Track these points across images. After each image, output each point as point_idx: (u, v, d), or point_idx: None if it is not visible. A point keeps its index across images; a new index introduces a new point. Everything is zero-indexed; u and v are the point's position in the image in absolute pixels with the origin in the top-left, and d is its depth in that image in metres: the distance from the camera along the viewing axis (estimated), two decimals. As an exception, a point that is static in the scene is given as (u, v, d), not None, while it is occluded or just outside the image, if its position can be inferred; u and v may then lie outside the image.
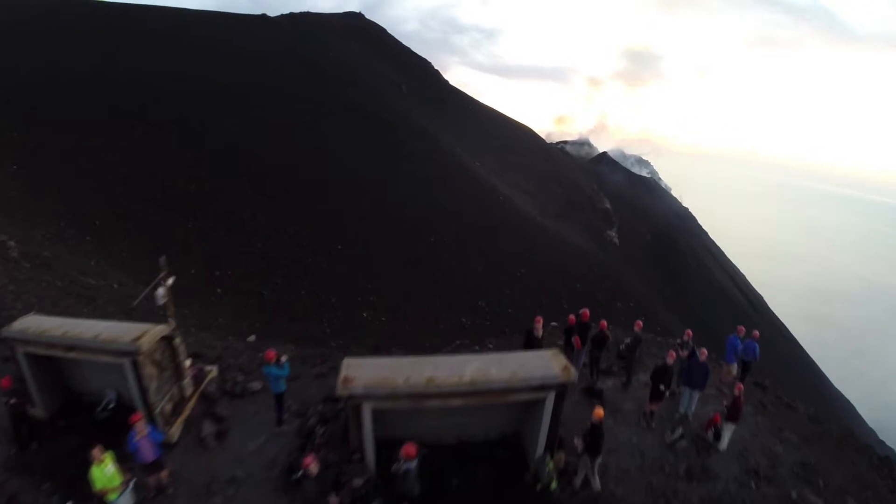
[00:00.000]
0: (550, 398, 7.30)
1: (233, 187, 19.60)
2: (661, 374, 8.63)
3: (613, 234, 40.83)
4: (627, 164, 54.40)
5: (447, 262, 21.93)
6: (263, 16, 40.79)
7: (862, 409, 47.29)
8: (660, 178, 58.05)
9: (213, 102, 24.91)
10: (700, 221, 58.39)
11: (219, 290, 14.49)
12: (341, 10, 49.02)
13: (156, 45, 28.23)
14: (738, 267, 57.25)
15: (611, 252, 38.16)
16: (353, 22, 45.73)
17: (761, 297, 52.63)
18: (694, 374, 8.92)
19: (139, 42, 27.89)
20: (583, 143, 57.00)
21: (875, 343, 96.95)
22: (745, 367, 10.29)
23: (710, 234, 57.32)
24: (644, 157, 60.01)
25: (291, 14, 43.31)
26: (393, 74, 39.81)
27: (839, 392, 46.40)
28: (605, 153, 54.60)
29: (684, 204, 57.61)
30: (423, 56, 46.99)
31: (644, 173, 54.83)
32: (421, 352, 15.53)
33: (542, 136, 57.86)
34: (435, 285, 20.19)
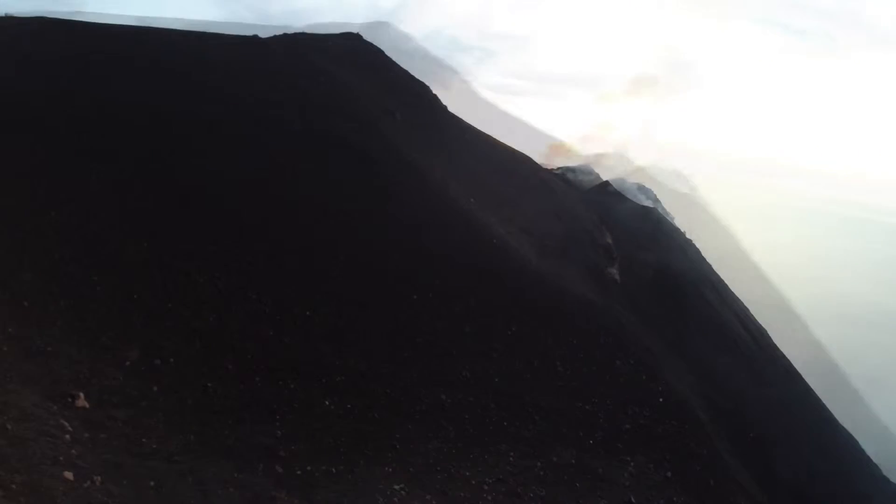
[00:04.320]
0: None
1: (191, 243, 17.78)
2: None
3: (614, 270, 39.17)
4: (629, 194, 52.80)
5: (430, 323, 20.09)
6: (255, 37, 39.19)
7: (868, 447, 45.55)
8: (663, 208, 56.46)
9: (182, 139, 23.24)
10: (704, 247, 56.88)
11: (155, 388, 12.61)
12: (341, 31, 47.36)
13: (127, 71, 26.53)
14: (740, 293, 55.80)
15: (611, 291, 36.46)
16: (350, 44, 44.14)
17: (764, 330, 51.03)
18: None
19: (104, 68, 26.18)
20: (585, 171, 55.37)
21: (887, 370, 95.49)
22: None
23: (713, 260, 55.82)
24: (646, 186, 58.45)
25: (285, 35, 41.69)
26: (387, 101, 38.15)
27: (844, 430, 44.65)
28: (606, 182, 52.96)
29: (688, 232, 56.09)
30: (428, 74, 45.49)
31: (646, 202, 53.27)
32: (384, 454, 13.73)
33: (543, 160, 56.28)
34: (414, 354, 18.33)
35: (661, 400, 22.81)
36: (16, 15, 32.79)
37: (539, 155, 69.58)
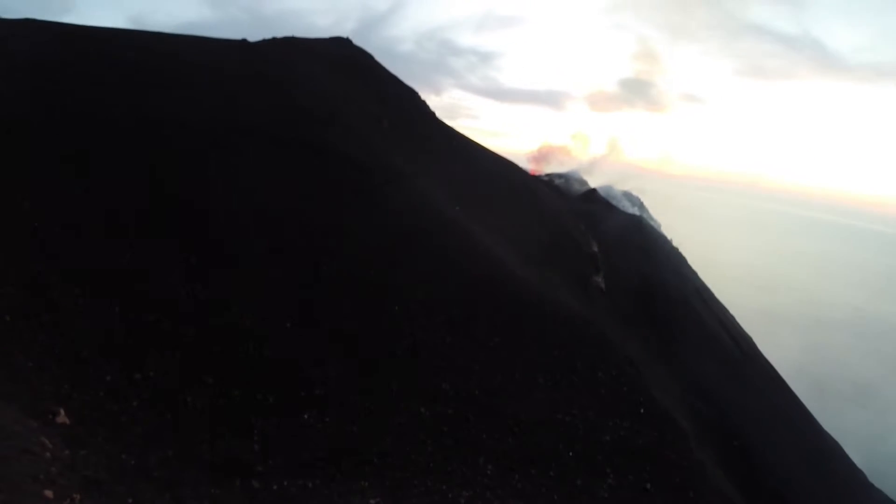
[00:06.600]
0: None
1: (172, 258, 17.79)
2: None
3: (600, 279, 39.43)
4: (616, 201, 53.17)
5: (411, 335, 20.20)
6: (243, 41, 39.15)
7: (856, 456, 46.13)
8: (650, 215, 56.89)
9: (167, 145, 23.16)
10: (689, 252, 57.31)
11: (135, 404, 12.68)
12: (334, 34, 47.40)
13: (112, 75, 26.42)
14: (726, 299, 56.30)
15: (596, 301, 36.71)
16: (339, 49, 44.13)
17: (750, 339, 51.52)
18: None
19: (90, 71, 26.04)
20: (573, 177, 55.64)
21: (871, 374, 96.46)
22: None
23: (698, 264, 56.24)
24: (633, 193, 58.85)
25: (274, 39, 41.65)
26: (375, 107, 38.26)
27: (830, 437, 45.12)
28: (594, 190, 53.29)
29: (674, 237, 56.57)
30: (418, 78, 46.16)
31: (633, 210, 53.65)
32: (361, 468, 13.82)
33: (531, 165, 56.60)
34: (394, 366, 18.45)
35: (641, 411, 22.98)
36: (2, 17, 32.56)
37: (529, 160, 69.87)
